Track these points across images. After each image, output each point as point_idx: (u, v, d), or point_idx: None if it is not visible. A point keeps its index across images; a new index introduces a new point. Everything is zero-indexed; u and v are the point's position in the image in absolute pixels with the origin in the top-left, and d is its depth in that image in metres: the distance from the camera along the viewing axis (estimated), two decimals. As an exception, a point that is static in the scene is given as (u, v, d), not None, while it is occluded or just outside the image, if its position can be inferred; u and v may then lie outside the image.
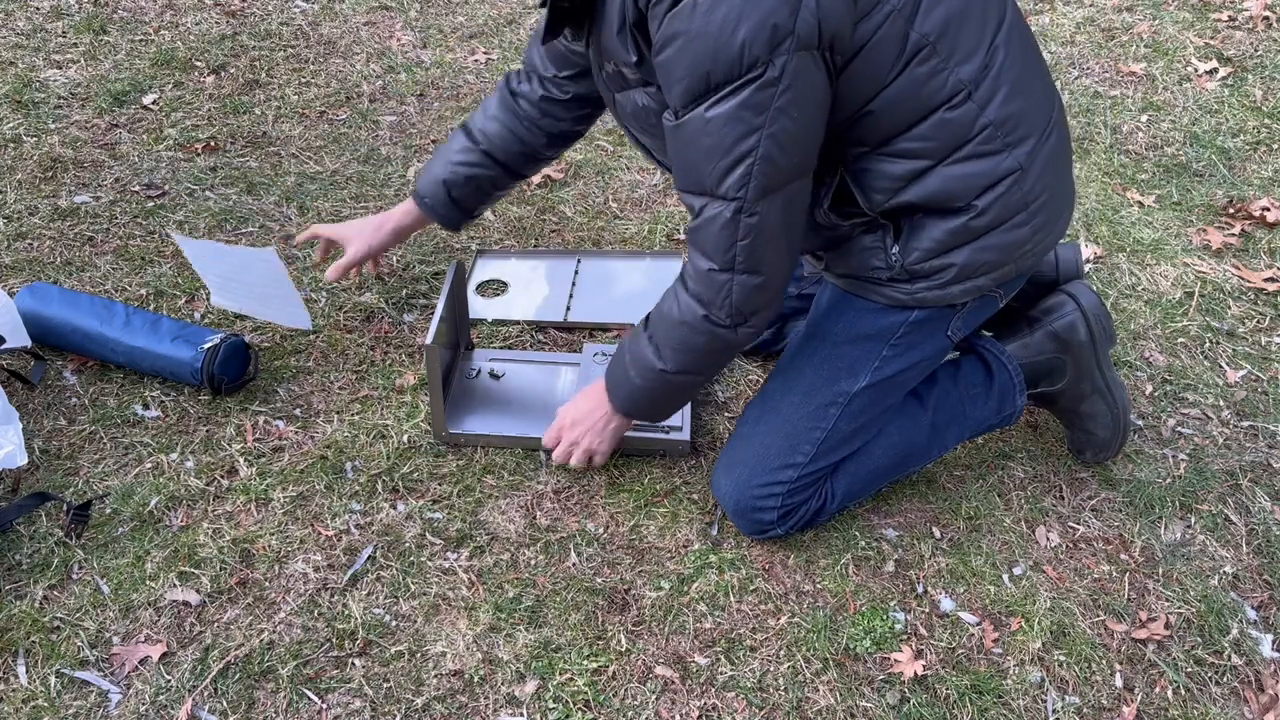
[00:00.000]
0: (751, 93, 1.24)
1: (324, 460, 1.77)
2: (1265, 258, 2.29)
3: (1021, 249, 1.47)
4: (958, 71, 1.34)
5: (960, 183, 1.40)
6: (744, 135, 1.26)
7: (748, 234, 1.33)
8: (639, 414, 1.61)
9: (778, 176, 1.30)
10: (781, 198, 1.33)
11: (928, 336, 1.55)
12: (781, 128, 1.26)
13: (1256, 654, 1.52)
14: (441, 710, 1.42)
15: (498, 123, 1.79)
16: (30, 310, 1.91)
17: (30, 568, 1.58)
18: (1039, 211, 1.46)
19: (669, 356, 1.48)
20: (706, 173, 1.31)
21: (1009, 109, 1.38)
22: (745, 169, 1.28)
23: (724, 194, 1.31)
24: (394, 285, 2.16)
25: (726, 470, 1.61)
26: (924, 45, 1.32)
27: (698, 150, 1.30)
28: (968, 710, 1.44)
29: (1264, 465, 1.81)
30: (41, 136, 2.59)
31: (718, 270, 1.37)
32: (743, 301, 1.39)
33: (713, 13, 1.20)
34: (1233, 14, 3.23)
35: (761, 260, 1.36)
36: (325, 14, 3.24)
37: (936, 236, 1.44)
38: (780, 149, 1.28)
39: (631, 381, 1.54)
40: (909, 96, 1.34)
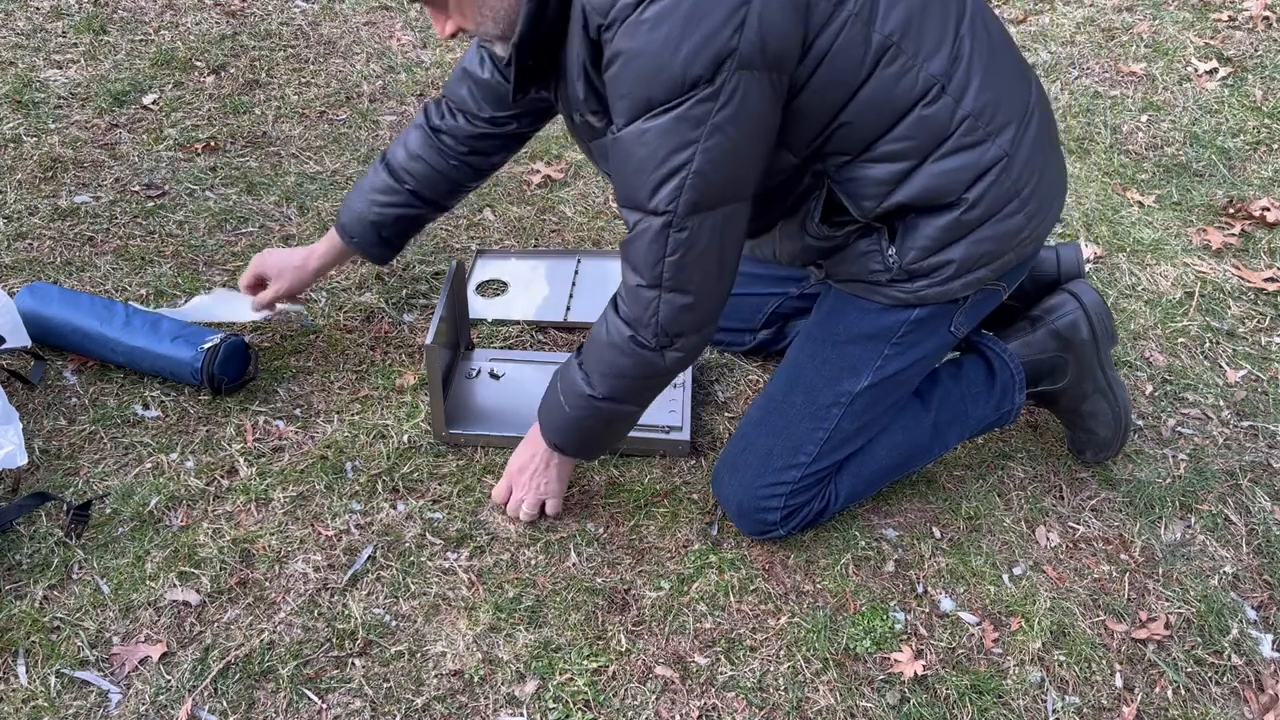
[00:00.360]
0: (689, 107, 1.23)
1: (324, 460, 1.77)
2: (1265, 258, 2.29)
3: (1018, 237, 1.47)
4: (927, 67, 1.34)
5: (947, 178, 1.39)
6: (678, 148, 1.25)
7: (676, 250, 1.32)
8: (570, 447, 1.57)
9: (710, 194, 1.29)
10: (714, 217, 1.31)
11: (930, 333, 1.55)
12: (717, 144, 1.25)
13: (1256, 654, 1.52)
14: (441, 710, 1.42)
15: (423, 163, 1.78)
16: (30, 310, 1.91)
17: (30, 568, 1.58)
18: (1030, 198, 1.45)
19: (598, 382, 1.46)
20: (639, 185, 1.30)
21: (985, 98, 1.38)
22: (678, 183, 1.27)
23: (654, 208, 1.30)
24: (394, 285, 2.16)
25: (730, 471, 1.61)
26: (889, 45, 1.31)
27: (632, 162, 1.29)
28: (968, 710, 1.44)
29: (1264, 465, 1.81)
30: (41, 136, 2.59)
31: (645, 286, 1.36)
32: (669, 321, 1.38)
33: (655, 31, 1.20)
34: (1233, 14, 3.23)
35: (689, 279, 1.35)
36: (325, 14, 3.24)
37: (931, 234, 1.43)
38: (714, 166, 1.27)
39: (563, 410, 1.52)
40: (882, 99, 1.34)
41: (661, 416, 1.80)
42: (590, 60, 1.31)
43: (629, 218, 1.35)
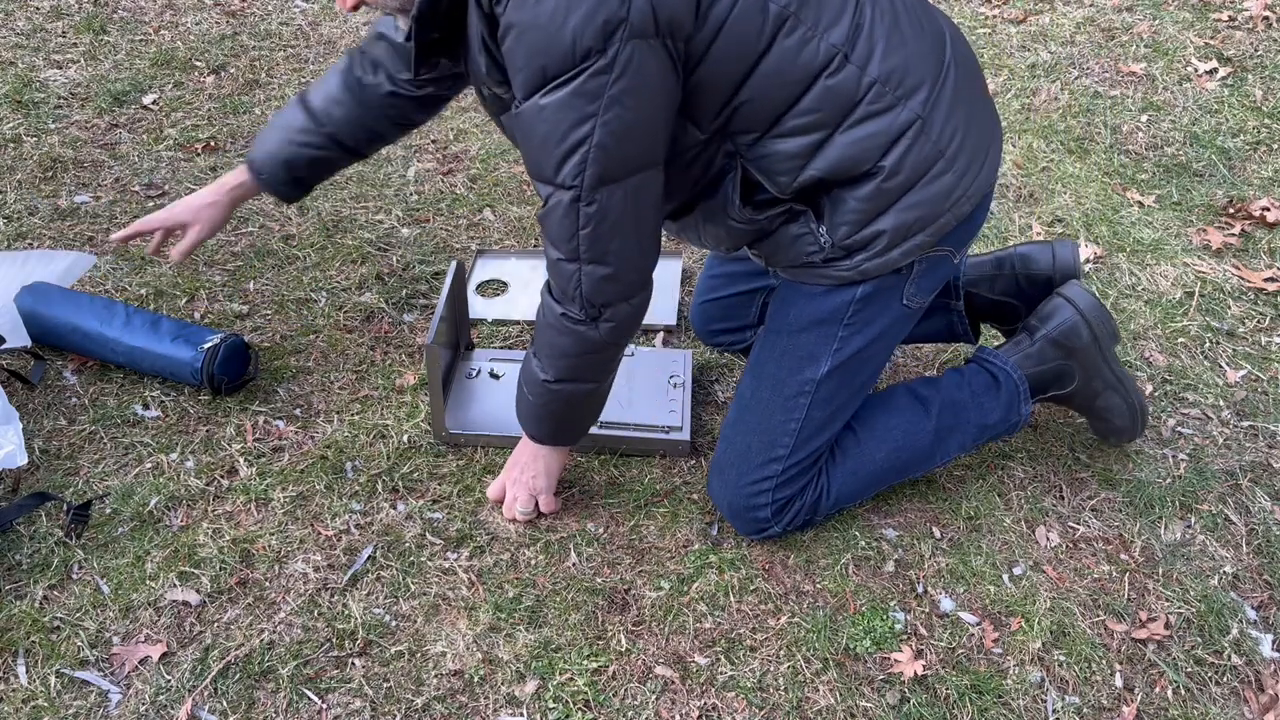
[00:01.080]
0: (584, 80, 1.22)
1: (324, 460, 1.77)
2: (1265, 258, 2.29)
3: (951, 197, 1.44)
4: (827, 37, 1.32)
5: (859, 146, 1.37)
6: (577, 123, 1.25)
7: (588, 223, 1.32)
8: (546, 435, 1.59)
9: (615, 166, 1.29)
10: (623, 188, 1.31)
11: (882, 309, 1.53)
12: (616, 115, 1.25)
13: (1256, 654, 1.52)
14: (441, 710, 1.42)
15: (342, 108, 1.76)
16: (30, 310, 1.91)
17: (30, 568, 1.58)
18: (957, 156, 1.43)
19: (548, 365, 1.48)
20: (544, 160, 1.30)
21: (891, 62, 1.36)
22: (580, 157, 1.27)
23: (561, 182, 1.30)
24: (394, 285, 2.16)
25: (717, 474, 1.62)
26: (786, 16, 1.30)
27: (535, 138, 1.29)
28: (968, 710, 1.44)
29: (1264, 465, 1.81)
30: (41, 136, 2.59)
31: (565, 260, 1.37)
32: (592, 292, 1.38)
33: (543, 2, 1.19)
34: (1233, 14, 3.23)
35: (606, 250, 1.35)
36: (325, 14, 3.24)
37: (856, 206, 1.41)
38: (615, 138, 1.26)
39: (528, 400, 1.54)
40: (784, 70, 1.32)
41: (661, 416, 1.80)
42: (488, 33, 1.30)
43: (541, 190, 1.35)
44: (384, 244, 2.27)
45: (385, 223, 2.34)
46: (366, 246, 2.26)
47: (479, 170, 2.53)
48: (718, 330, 1.87)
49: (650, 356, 1.95)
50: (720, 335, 1.88)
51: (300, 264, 2.21)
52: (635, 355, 1.94)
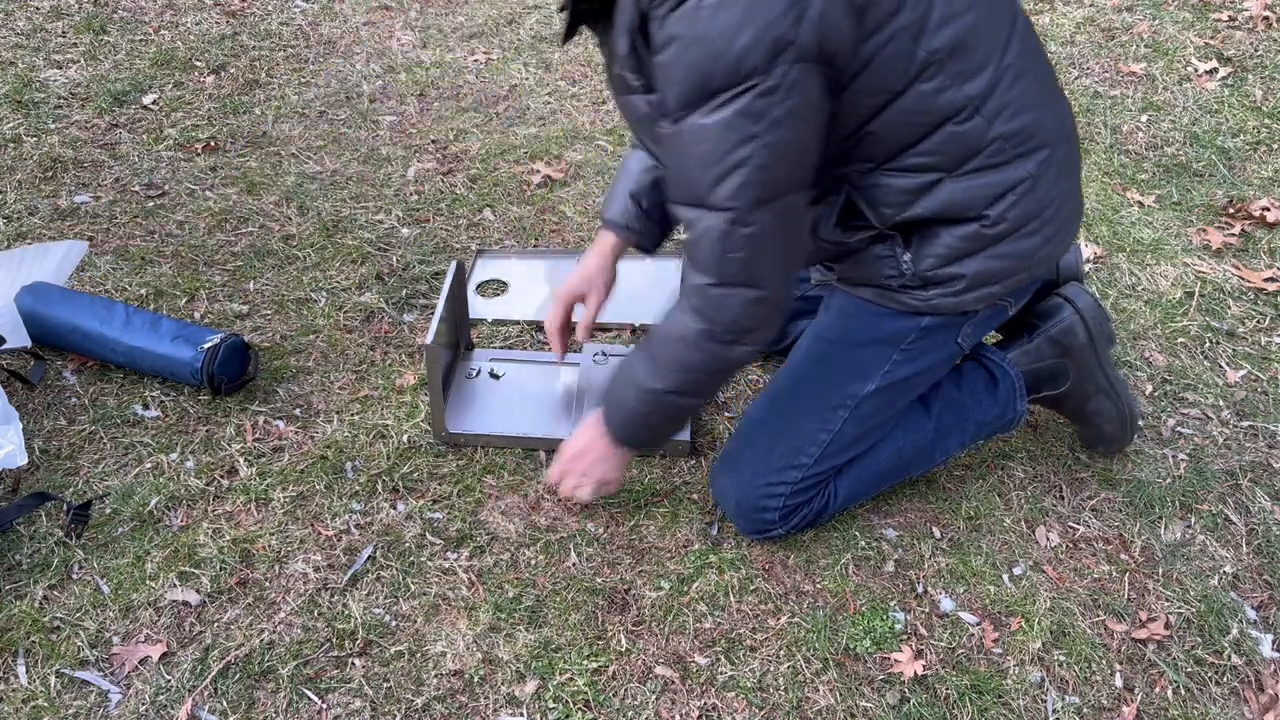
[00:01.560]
0: (750, 100, 1.21)
1: (324, 460, 1.77)
2: (1265, 258, 2.29)
3: (1034, 256, 1.47)
4: (965, 88, 1.33)
5: (971, 193, 1.39)
6: (740, 143, 1.24)
7: (744, 245, 1.30)
8: (634, 440, 1.56)
9: (773, 187, 1.28)
10: (776, 208, 1.31)
11: (939, 343, 1.55)
12: (778, 137, 1.24)
13: (1256, 654, 1.52)
14: (441, 710, 1.42)
15: None
16: (30, 310, 1.91)
17: (30, 568, 1.58)
18: (1051, 220, 1.45)
19: (667, 375, 1.44)
20: (700, 181, 1.28)
21: (1019, 122, 1.38)
22: (740, 178, 1.25)
23: (716, 203, 1.28)
24: (394, 285, 2.16)
25: (730, 469, 1.61)
26: (931, 63, 1.30)
27: (691, 157, 1.27)
28: (968, 710, 1.44)
29: (1264, 465, 1.81)
30: (41, 136, 2.59)
31: (713, 285, 1.34)
32: (742, 316, 1.36)
33: (715, 18, 1.19)
34: (1233, 14, 3.23)
35: (758, 273, 1.34)
36: (325, 14, 3.24)
37: (949, 244, 1.43)
38: (776, 159, 1.26)
39: (628, 404, 1.50)
40: (916, 112, 1.33)
41: None
42: (638, 25, 1.29)
43: (688, 215, 1.33)
44: (384, 244, 2.27)
45: (385, 223, 2.34)
46: (366, 246, 2.26)
47: (479, 170, 2.53)
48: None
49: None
50: None
51: (300, 264, 2.21)
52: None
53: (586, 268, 1.74)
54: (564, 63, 3.03)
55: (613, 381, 1.53)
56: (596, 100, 2.84)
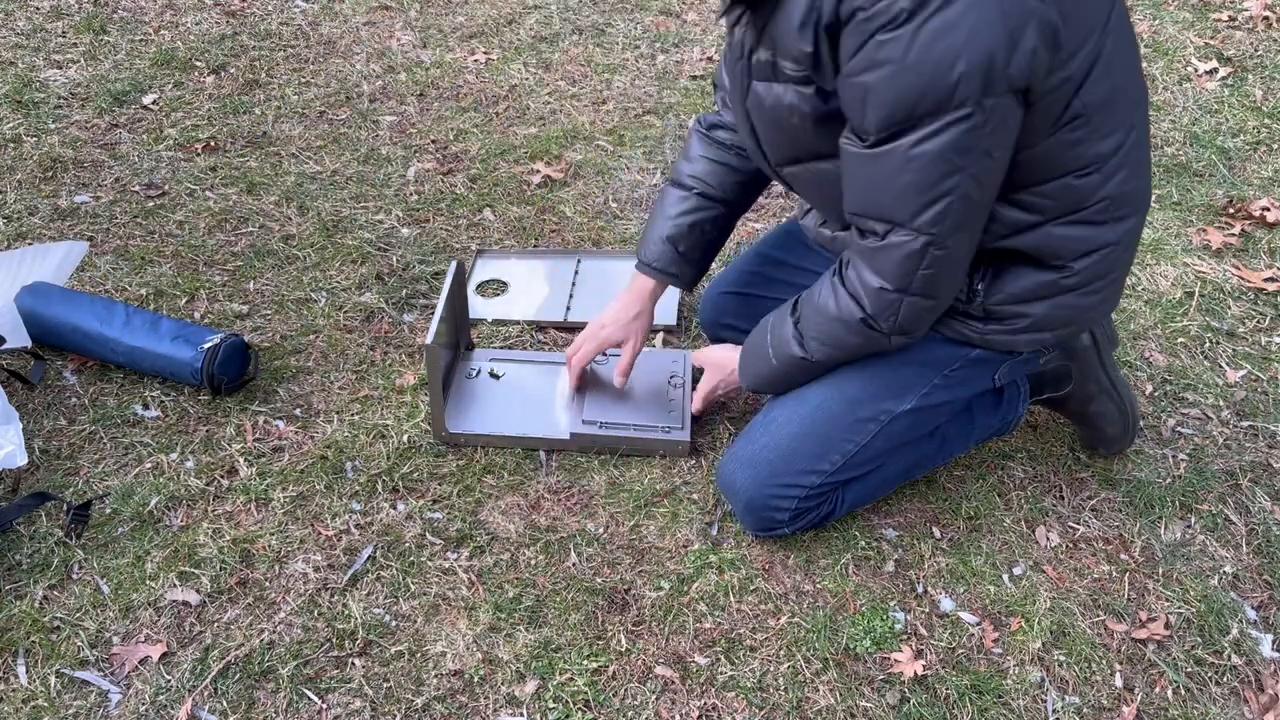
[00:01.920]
0: (959, 135, 1.21)
1: (324, 460, 1.77)
2: (1265, 258, 2.29)
3: (1088, 314, 1.49)
4: (1097, 145, 1.34)
5: (1062, 243, 1.40)
6: (947, 174, 1.24)
7: (934, 265, 1.33)
8: (765, 388, 1.64)
9: (971, 213, 1.30)
10: (969, 231, 1.33)
11: (977, 376, 1.56)
12: (983, 168, 1.26)
13: (1256, 654, 1.52)
14: (441, 710, 1.42)
15: (704, 161, 1.71)
16: (30, 310, 1.91)
17: (30, 568, 1.58)
18: (1111, 284, 1.48)
19: (814, 348, 1.50)
20: (900, 207, 1.29)
21: (1127, 187, 1.39)
22: (944, 206, 1.27)
23: (917, 228, 1.29)
24: (394, 285, 2.16)
25: (745, 465, 1.60)
26: (1080, 115, 1.30)
27: (895, 184, 1.28)
28: (968, 710, 1.44)
29: (1264, 465, 1.81)
30: (41, 136, 2.59)
31: (890, 290, 1.37)
32: (910, 319, 1.40)
33: (933, 45, 1.17)
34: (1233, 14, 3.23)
35: (939, 287, 1.37)
36: (325, 14, 3.24)
37: (1026, 285, 1.44)
38: (978, 188, 1.28)
39: (769, 363, 1.56)
40: (1049, 157, 1.33)
41: (661, 417, 1.80)
42: (828, 25, 1.25)
43: (875, 226, 1.34)
44: (384, 244, 2.27)
45: (385, 223, 2.34)
46: (366, 246, 2.26)
47: (479, 170, 2.53)
48: (727, 325, 1.87)
49: (650, 356, 1.95)
50: (727, 331, 1.87)
51: (300, 264, 2.21)
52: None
53: (623, 314, 1.76)
54: (564, 63, 3.03)
55: (757, 338, 1.60)
56: (596, 100, 2.85)
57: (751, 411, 1.87)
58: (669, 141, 2.66)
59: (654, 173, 2.54)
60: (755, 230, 2.36)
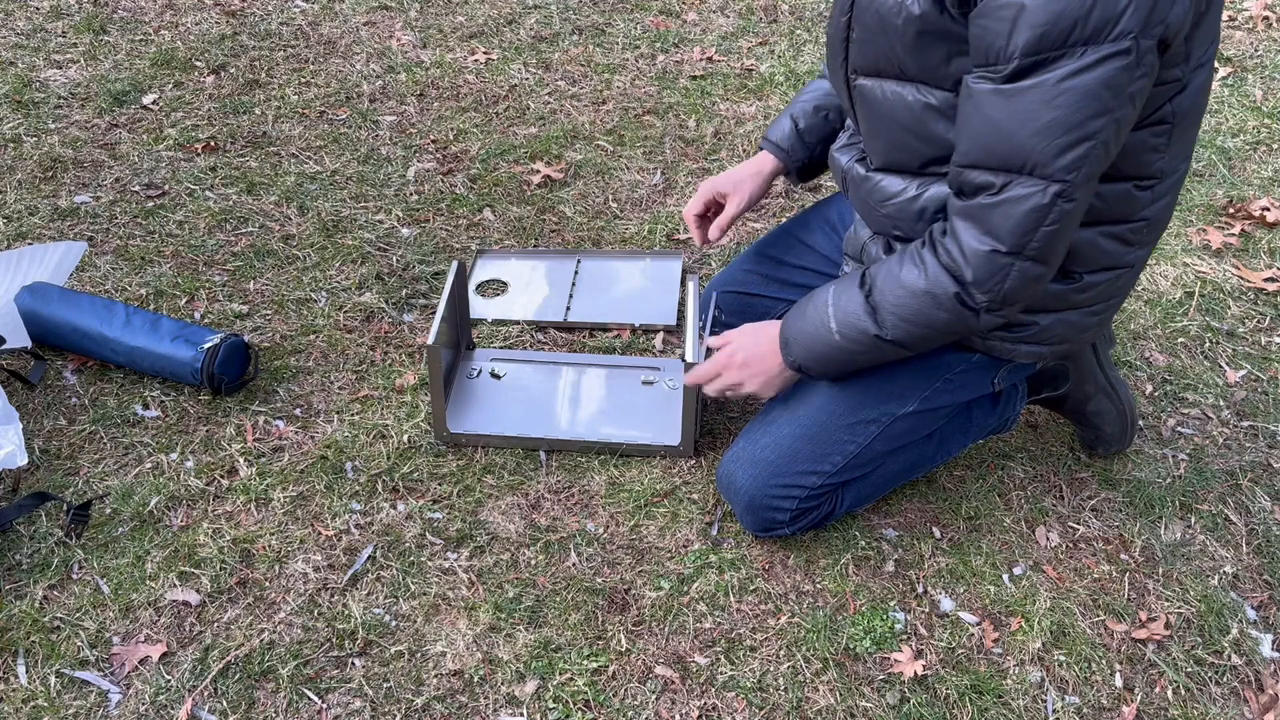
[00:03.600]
0: (1117, 71, 1.14)
1: (324, 460, 1.77)
2: (1265, 258, 2.29)
3: (1086, 333, 1.49)
4: (1165, 159, 1.31)
5: (1091, 250, 1.38)
6: (1096, 114, 1.16)
7: (1058, 219, 1.23)
8: (817, 370, 1.50)
9: (1103, 162, 1.22)
10: (1091, 187, 1.25)
11: (977, 380, 1.56)
12: (1125, 115, 1.18)
13: (1256, 654, 1.52)
14: (441, 710, 1.42)
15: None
16: (30, 310, 1.91)
17: (30, 568, 1.58)
18: (1110, 308, 1.48)
19: (892, 324, 1.38)
20: (1035, 147, 1.19)
21: (1164, 215, 1.38)
22: (1085, 150, 1.18)
23: (1051, 174, 1.20)
24: (394, 285, 2.16)
25: (746, 465, 1.59)
26: (1168, 120, 1.28)
27: (1036, 121, 1.18)
28: (968, 710, 1.44)
29: (1264, 465, 1.81)
30: (41, 136, 2.59)
31: (1004, 253, 1.26)
32: (1015, 289, 1.30)
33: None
34: (1233, 14, 3.23)
35: (1053, 250, 1.27)
36: (325, 14, 3.24)
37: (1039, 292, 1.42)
38: (1117, 136, 1.20)
39: (831, 339, 1.44)
40: (1126, 155, 1.29)
41: (655, 429, 1.81)
42: None
43: (992, 179, 1.24)
44: (384, 244, 2.27)
45: (385, 223, 2.34)
46: (366, 246, 2.26)
47: (479, 170, 2.53)
48: (725, 325, 1.87)
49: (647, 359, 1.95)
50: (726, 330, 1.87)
51: (300, 264, 2.21)
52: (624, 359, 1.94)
53: (738, 171, 1.72)
54: (564, 63, 3.03)
55: (812, 310, 1.47)
56: (596, 100, 2.85)
57: (751, 412, 1.87)
58: (669, 141, 2.67)
59: (654, 173, 2.54)
60: (756, 230, 2.37)
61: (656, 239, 2.32)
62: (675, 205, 2.43)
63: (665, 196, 2.46)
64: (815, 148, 1.71)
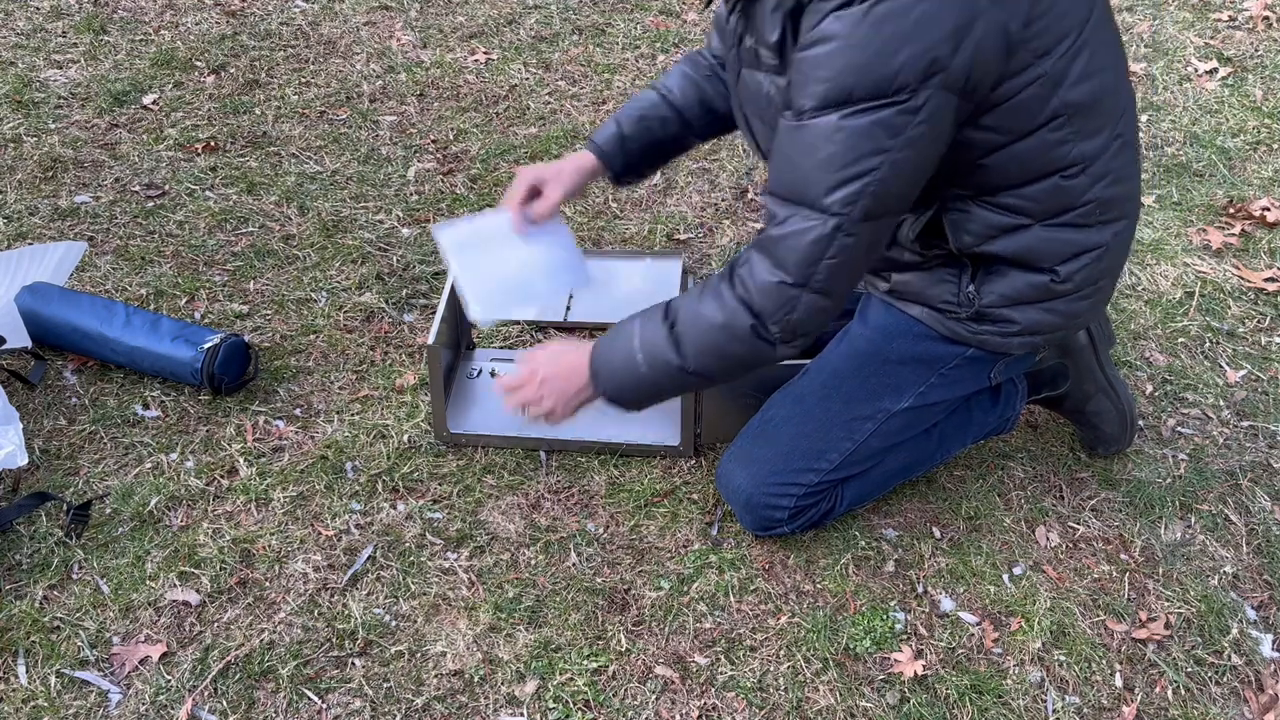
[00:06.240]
0: (891, 115, 1.21)
1: (324, 460, 1.77)
2: (1265, 258, 2.29)
3: (1080, 318, 1.50)
4: (1082, 145, 1.34)
5: (1050, 246, 1.40)
6: (871, 153, 1.24)
7: (838, 254, 1.29)
8: (624, 401, 1.49)
9: (883, 204, 1.28)
10: (875, 226, 1.31)
11: (973, 374, 1.56)
12: (905, 157, 1.25)
13: (1256, 654, 1.52)
14: (441, 710, 1.42)
15: (679, 73, 1.73)
16: (30, 310, 1.91)
17: (30, 568, 1.58)
18: (1103, 289, 1.49)
19: (693, 356, 1.40)
20: (816, 182, 1.27)
21: (1115, 190, 1.40)
22: (859, 187, 1.25)
23: (827, 207, 1.27)
24: (394, 285, 2.16)
25: (744, 464, 1.60)
26: (1061, 114, 1.31)
27: (815, 156, 1.26)
28: (968, 710, 1.44)
29: (1264, 465, 1.81)
30: (41, 136, 2.59)
31: (790, 284, 1.32)
32: (803, 320, 1.35)
33: (880, 27, 1.19)
34: (1233, 14, 3.23)
35: (837, 283, 1.33)
36: (325, 14, 3.24)
37: (1017, 288, 1.44)
38: (896, 178, 1.26)
39: (636, 369, 1.43)
40: (1033, 157, 1.34)
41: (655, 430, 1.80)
42: (790, 11, 1.28)
43: (780, 210, 1.31)
44: (384, 244, 2.27)
45: (385, 223, 2.34)
46: (366, 246, 2.26)
47: (479, 170, 2.53)
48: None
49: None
50: None
51: (300, 264, 2.21)
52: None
53: (561, 164, 1.75)
54: (564, 63, 3.03)
55: (620, 339, 1.46)
56: (596, 100, 2.84)
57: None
58: (669, 141, 2.66)
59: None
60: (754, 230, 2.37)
61: (656, 239, 2.32)
62: (675, 205, 2.43)
63: (665, 197, 2.46)
64: (637, 156, 1.75)
